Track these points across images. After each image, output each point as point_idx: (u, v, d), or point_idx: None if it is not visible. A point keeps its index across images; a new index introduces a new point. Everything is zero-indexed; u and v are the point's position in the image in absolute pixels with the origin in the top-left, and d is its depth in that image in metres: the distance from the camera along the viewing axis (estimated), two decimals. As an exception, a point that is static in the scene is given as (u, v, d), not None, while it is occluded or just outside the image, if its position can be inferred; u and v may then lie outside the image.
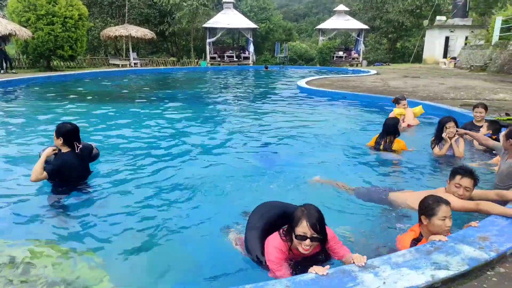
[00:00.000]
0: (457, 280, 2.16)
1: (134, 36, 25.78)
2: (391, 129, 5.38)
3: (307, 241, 2.29)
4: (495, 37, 19.09)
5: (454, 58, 24.79)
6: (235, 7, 32.18)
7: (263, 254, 2.45)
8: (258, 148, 6.00)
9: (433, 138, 5.36)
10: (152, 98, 11.97)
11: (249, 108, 10.32)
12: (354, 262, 2.21)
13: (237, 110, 9.84)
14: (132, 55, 27.00)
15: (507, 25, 18.61)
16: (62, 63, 23.23)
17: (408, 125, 7.15)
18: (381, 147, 5.41)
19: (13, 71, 18.82)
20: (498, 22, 19.01)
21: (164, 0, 28.51)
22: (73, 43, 20.23)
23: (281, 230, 2.47)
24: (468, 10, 28.84)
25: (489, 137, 4.98)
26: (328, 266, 2.16)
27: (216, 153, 5.70)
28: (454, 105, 8.54)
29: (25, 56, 21.34)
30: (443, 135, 5.15)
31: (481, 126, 5.67)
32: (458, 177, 3.19)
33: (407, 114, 7.23)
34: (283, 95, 12.77)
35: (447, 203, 2.66)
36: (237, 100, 11.93)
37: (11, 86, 14.09)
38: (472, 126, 5.85)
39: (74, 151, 3.91)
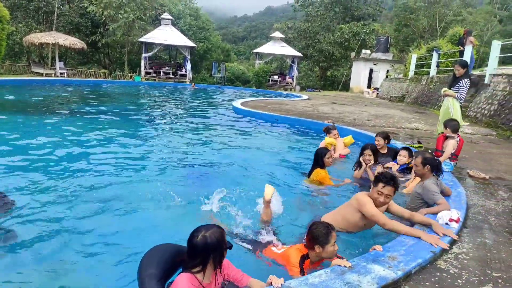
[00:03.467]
0: (367, 299, 2.26)
1: (62, 45, 24.30)
2: (315, 157, 5.31)
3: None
4: (411, 72, 21.28)
5: (377, 88, 27.05)
6: (174, 24, 31.96)
7: None
8: (185, 169, 5.85)
9: (356, 162, 5.66)
10: (75, 111, 11.25)
11: (179, 127, 10.13)
12: (272, 284, 2.21)
13: (166, 129, 9.60)
14: (59, 64, 25.34)
15: (421, 62, 20.86)
16: (-26, 68, 21.03)
17: (340, 155, 7.07)
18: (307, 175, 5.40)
19: None
20: (413, 59, 21.27)
21: (97, 10, 27.35)
22: (-11, 47, 18.48)
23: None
24: (389, 46, 31.93)
25: (407, 167, 5.41)
26: None
27: (139, 174, 5.40)
28: (375, 132, 9.19)
29: None
30: (360, 159, 5.49)
31: (385, 153, 6.06)
32: (380, 185, 3.35)
33: (338, 144, 7.12)
34: (217, 115, 12.78)
35: (334, 228, 2.86)
36: (168, 118, 11.68)
37: None
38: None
39: None
